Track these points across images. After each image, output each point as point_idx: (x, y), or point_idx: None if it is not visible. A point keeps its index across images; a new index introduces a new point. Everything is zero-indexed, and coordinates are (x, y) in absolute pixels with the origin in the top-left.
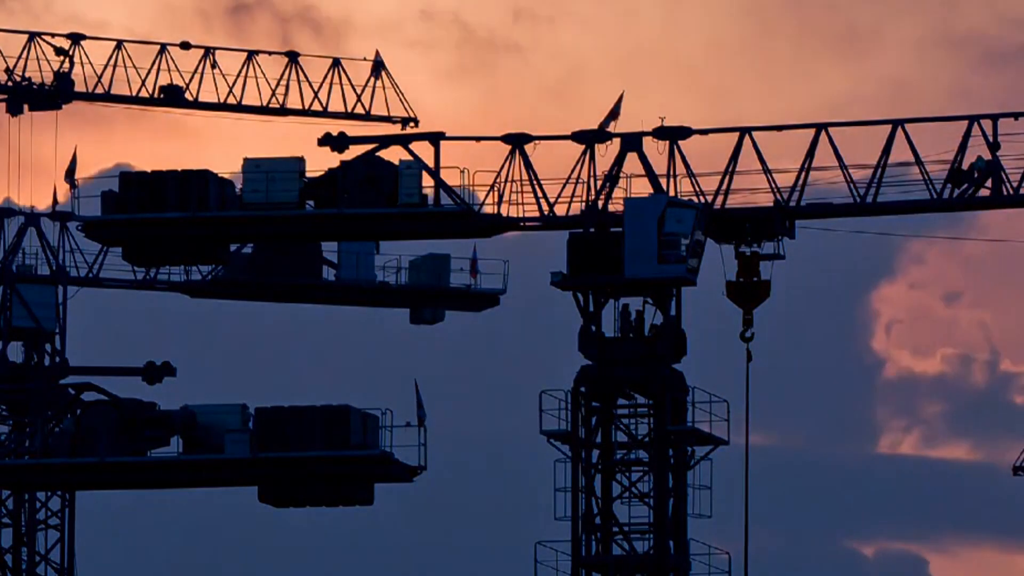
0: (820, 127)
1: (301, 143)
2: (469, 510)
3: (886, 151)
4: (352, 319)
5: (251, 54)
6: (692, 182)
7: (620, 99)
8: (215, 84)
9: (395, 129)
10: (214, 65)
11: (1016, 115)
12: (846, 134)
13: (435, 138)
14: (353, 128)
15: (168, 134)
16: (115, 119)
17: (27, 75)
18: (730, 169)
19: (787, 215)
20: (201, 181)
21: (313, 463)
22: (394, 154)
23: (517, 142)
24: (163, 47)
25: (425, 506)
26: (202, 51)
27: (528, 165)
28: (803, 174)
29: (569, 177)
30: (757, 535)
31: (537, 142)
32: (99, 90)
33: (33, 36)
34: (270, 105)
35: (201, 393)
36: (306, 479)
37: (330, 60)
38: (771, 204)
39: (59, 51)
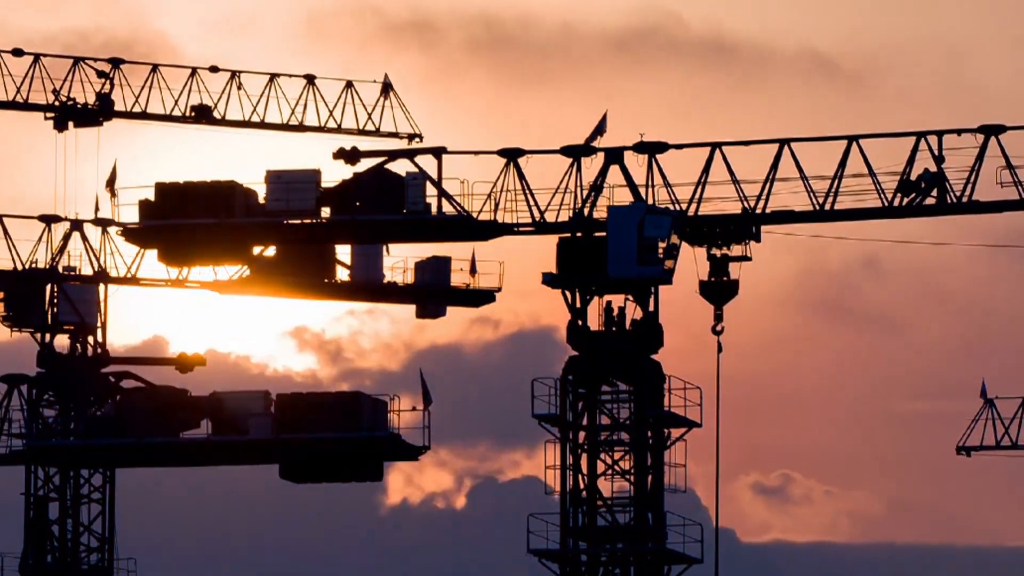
0: (783, 142)
1: (318, 157)
2: (468, 486)
3: (842, 164)
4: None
5: (273, 76)
6: (668, 192)
7: (604, 117)
8: (240, 104)
9: (402, 144)
10: (240, 86)
11: (959, 131)
12: (806, 148)
13: (438, 152)
14: (364, 143)
15: (198, 148)
16: (151, 135)
17: (72, 96)
18: (702, 180)
19: (754, 221)
20: (228, 191)
21: (328, 444)
22: (401, 166)
23: (512, 156)
24: (194, 70)
25: (428, 482)
26: (229, 74)
27: (521, 176)
28: (768, 184)
29: (558, 187)
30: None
31: (529, 156)
32: (136, 109)
33: (77, 61)
34: (290, 122)
35: (228, 381)
36: (322, 458)
37: (344, 82)
38: (739, 211)
39: (101, 74)
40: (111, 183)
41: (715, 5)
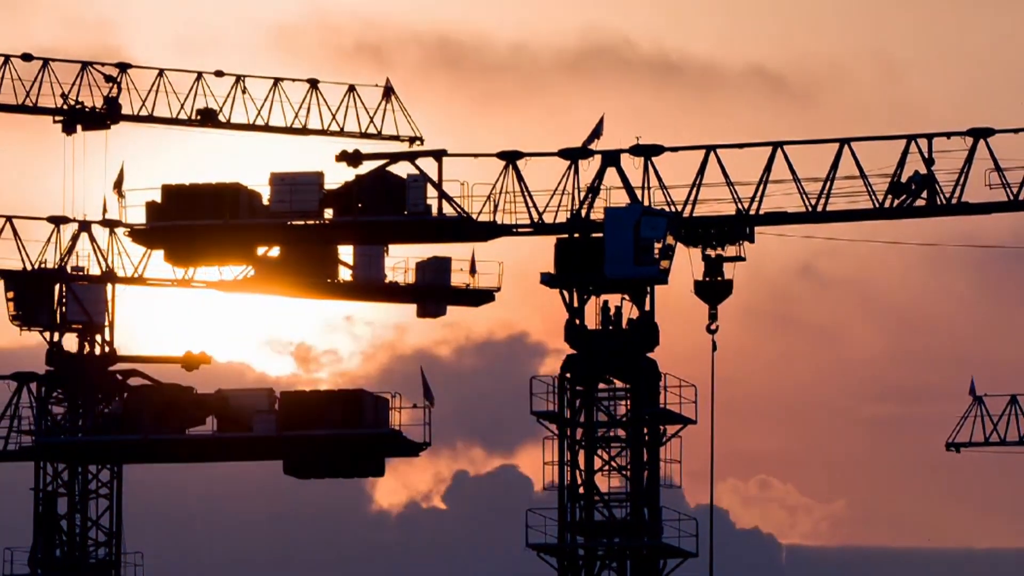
0: (776, 145)
1: (321, 159)
2: (468, 481)
3: (834, 166)
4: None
5: (276, 81)
6: (664, 193)
7: (601, 120)
8: (245, 107)
9: (403, 147)
10: (244, 91)
11: (948, 135)
12: (799, 151)
13: (438, 155)
14: (366, 146)
15: (204, 151)
16: (157, 138)
17: (80, 99)
18: (697, 182)
19: (747, 222)
20: (233, 192)
21: (331, 440)
22: (402, 169)
23: (510, 158)
24: (199, 75)
25: (429, 477)
26: (234, 78)
27: (520, 179)
28: (761, 186)
29: (556, 189)
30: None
31: (528, 158)
32: (143, 112)
33: (85, 65)
34: (293, 126)
35: (233, 379)
36: (325, 454)
37: (346, 86)
38: (733, 213)
39: (108, 78)
40: (118, 185)
41: (662, 25)
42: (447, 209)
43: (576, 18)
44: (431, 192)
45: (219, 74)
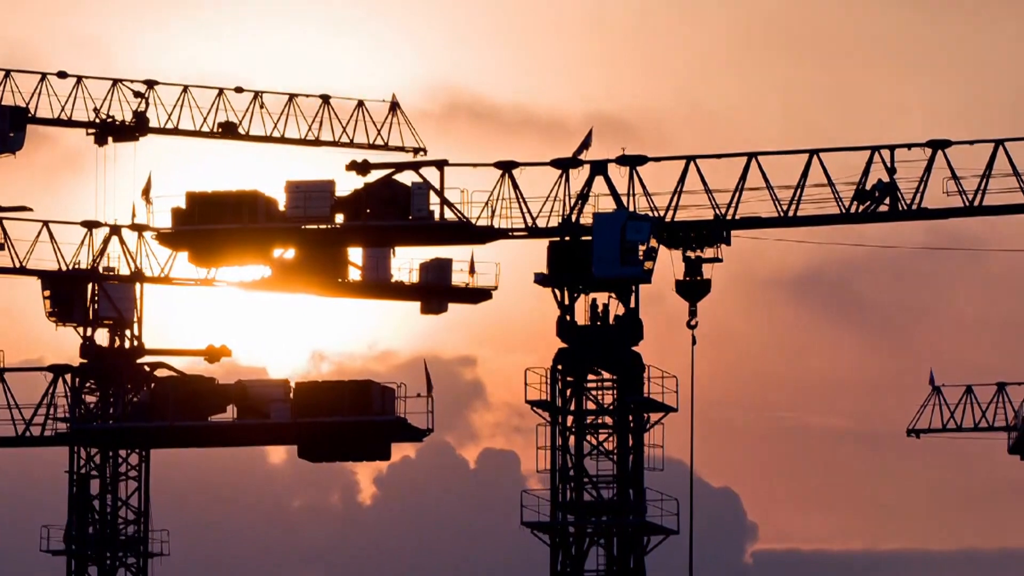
0: (751, 155)
1: (332, 168)
2: (467, 464)
3: (804, 175)
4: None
5: (291, 96)
6: (648, 200)
7: (590, 133)
8: (263, 121)
9: (408, 157)
10: (262, 105)
11: (909, 146)
12: (773, 161)
13: (440, 164)
14: (374, 156)
15: (225, 161)
16: (182, 149)
17: (111, 114)
18: (678, 189)
19: (724, 226)
20: (251, 199)
21: (341, 427)
22: (407, 177)
23: (507, 168)
24: (220, 91)
25: (432, 461)
26: (252, 94)
27: (515, 186)
28: (737, 193)
29: (548, 196)
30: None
31: (523, 168)
32: (169, 126)
33: (116, 82)
34: (307, 138)
35: (252, 370)
36: (336, 439)
37: (356, 101)
38: (711, 217)
39: (137, 94)
40: (146, 192)
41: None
42: (448, 214)
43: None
44: (434, 199)
45: (239, 90)
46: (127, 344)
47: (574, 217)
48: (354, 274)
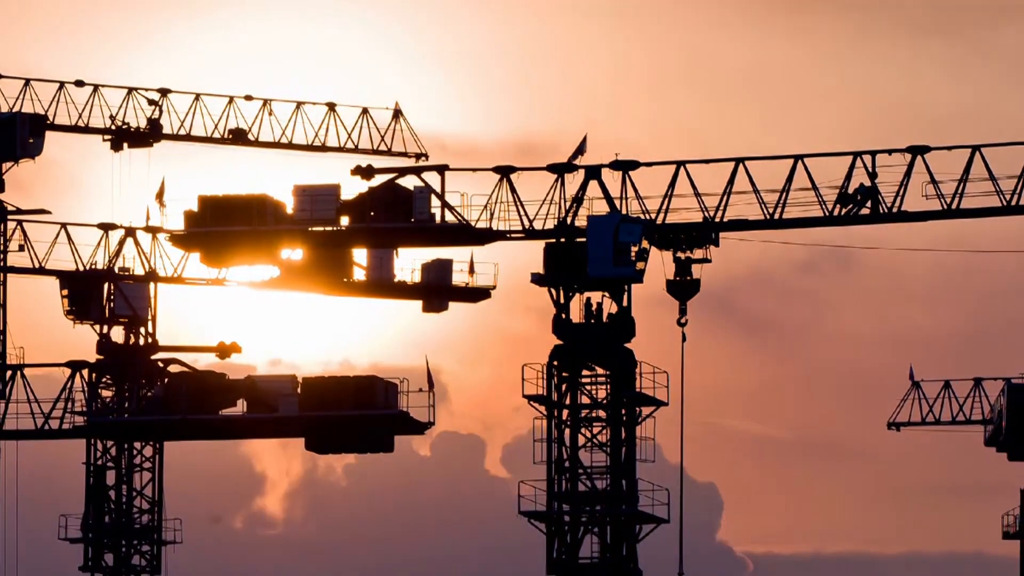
0: (739, 161)
1: (338, 173)
2: (466, 456)
3: (789, 179)
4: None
5: (299, 104)
6: (640, 203)
7: (584, 139)
8: (271, 127)
9: (410, 162)
10: (271, 113)
11: (890, 151)
12: (759, 166)
13: (441, 169)
14: (378, 161)
15: (235, 166)
16: (194, 154)
17: (126, 121)
18: (669, 193)
19: (713, 228)
20: (260, 202)
21: (347, 420)
22: (410, 181)
23: (505, 172)
24: (231, 99)
25: (433, 452)
26: (261, 102)
27: (513, 190)
28: (725, 197)
29: (545, 199)
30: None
31: (520, 172)
32: (182, 132)
33: (131, 91)
34: (314, 143)
35: (261, 366)
36: (341, 432)
37: (360, 108)
38: (701, 220)
39: (151, 102)
40: (160, 196)
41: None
42: (449, 217)
43: None
44: (435, 202)
45: (248, 98)
46: (142, 341)
47: (569, 220)
48: (359, 274)
